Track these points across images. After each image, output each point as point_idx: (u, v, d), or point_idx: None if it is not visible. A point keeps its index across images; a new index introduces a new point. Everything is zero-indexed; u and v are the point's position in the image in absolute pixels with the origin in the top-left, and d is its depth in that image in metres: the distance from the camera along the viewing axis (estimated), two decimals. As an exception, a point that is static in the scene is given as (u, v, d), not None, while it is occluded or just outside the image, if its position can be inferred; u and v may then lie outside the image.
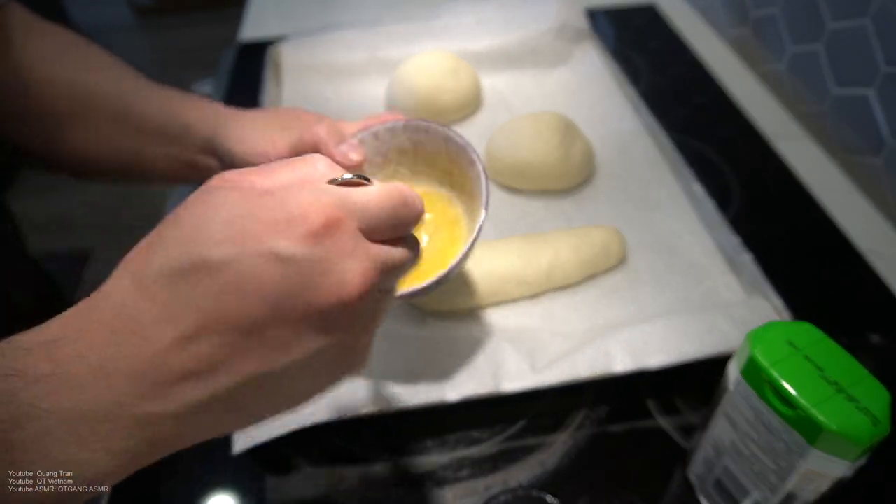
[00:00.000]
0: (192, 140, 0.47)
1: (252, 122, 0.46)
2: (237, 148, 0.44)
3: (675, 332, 0.50)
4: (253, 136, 0.44)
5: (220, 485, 0.48)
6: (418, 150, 0.47)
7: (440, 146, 0.46)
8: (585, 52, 0.86)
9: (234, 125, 0.46)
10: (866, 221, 0.68)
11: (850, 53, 0.72)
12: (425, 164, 0.48)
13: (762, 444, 0.37)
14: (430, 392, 0.47)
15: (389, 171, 0.48)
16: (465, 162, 0.45)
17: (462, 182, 0.47)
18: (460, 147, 0.45)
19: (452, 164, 0.46)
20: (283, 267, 0.23)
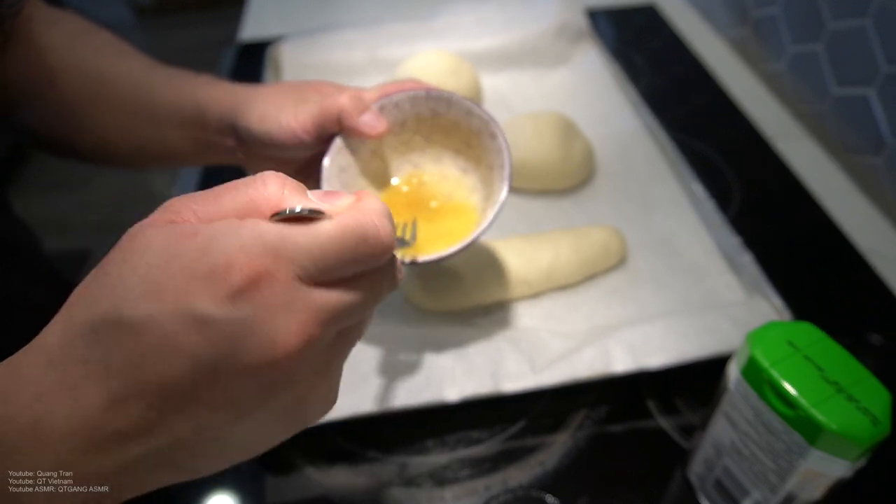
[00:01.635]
0: (209, 121, 0.46)
1: (271, 98, 0.45)
2: (257, 127, 0.43)
3: (675, 332, 0.50)
4: (273, 112, 0.43)
5: (220, 485, 0.48)
6: (437, 120, 0.47)
7: (461, 119, 0.46)
8: (585, 52, 0.86)
9: (251, 103, 0.44)
10: (866, 221, 0.68)
11: (850, 53, 0.71)
12: (442, 133, 0.48)
13: (762, 444, 0.37)
14: (430, 392, 0.47)
15: (405, 137, 0.48)
16: (487, 135, 0.45)
17: (479, 154, 0.47)
18: (483, 121, 0.45)
19: (471, 136, 0.47)
20: (204, 329, 0.21)
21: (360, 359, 0.49)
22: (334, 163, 0.44)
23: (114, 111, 0.48)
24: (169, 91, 0.48)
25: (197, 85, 0.47)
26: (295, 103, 0.44)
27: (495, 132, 0.45)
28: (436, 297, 0.55)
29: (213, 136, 0.47)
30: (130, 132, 0.49)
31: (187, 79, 0.48)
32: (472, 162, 0.49)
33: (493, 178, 0.45)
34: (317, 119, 0.43)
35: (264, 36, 1.00)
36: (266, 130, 0.43)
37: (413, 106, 0.46)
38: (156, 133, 0.48)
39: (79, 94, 0.47)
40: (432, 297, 0.55)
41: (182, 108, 0.47)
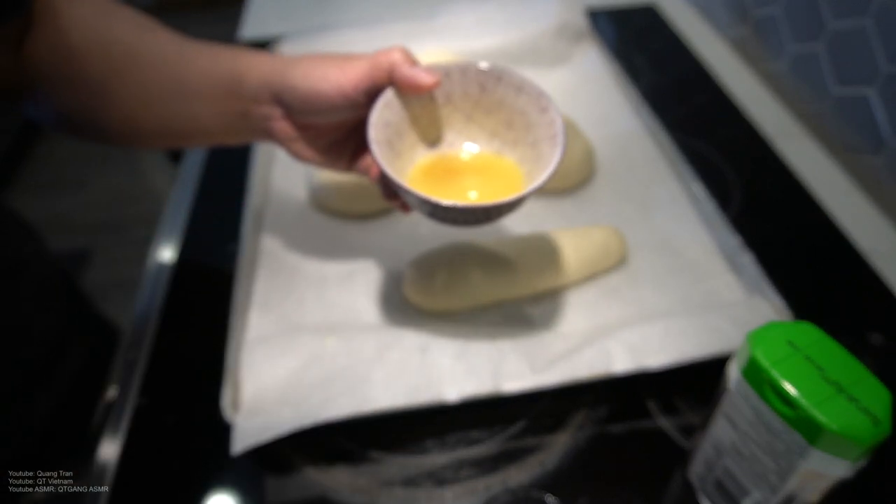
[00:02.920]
0: (247, 89, 0.45)
1: (316, 60, 0.44)
2: (302, 84, 0.42)
3: (675, 332, 0.50)
4: (319, 69, 0.42)
5: (220, 485, 0.48)
6: (482, 97, 0.47)
7: (509, 96, 0.46)
8: (585, 52, 0.86)
9: (295, 65, 0.43)
10: (867, 221, 0.68)
11: (850, 53, 0.71)
12: (484, 111, 0.47)
13: (762, 444, 0.37)
14: (430, 392, 0.47)
15: (447, 112, 0.47)
16: (536, 111, 0.45)
17: (519, 133, 0.47)
18: (533, 97, 0.45)
19: (514, 115, 0.46)
20: None
21: (359, 359, 0.49)
22: (382, 113, 0.43)
23: (143, 86, 0.46)
24: (203, 61, 0.46)
25: (235, 54, 0.46)
26: (342, 62, 0.43)
27: (547, 106, 0.45)
28: (436, 297, 0.55)
29: (249, 105, 0.45)
30: (160, 108, 0.47)
31: (222, 49, 0.47)
32: (507, 144, 0.48)
33: (542, 150, 0.45)
34: (367, 73, 0.42)
35: (264, 35, 1.00)
36: (312, 87, 0.42)
37: (462, 77, 0.46)
38: (187, 108, 0.47)
39: (105, 71, 0.46)
40: (432, 297, 0.55)
41: (217, 77, 0.45)
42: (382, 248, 0.62)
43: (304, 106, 0.43)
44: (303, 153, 0.47)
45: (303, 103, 0.43)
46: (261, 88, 0.44)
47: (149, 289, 0.63)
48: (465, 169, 0.48)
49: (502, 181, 0.47)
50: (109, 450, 0.50)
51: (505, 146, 0.48)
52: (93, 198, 2.07)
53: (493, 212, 0.41)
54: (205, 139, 0.50)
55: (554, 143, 0.43)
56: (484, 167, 0.48)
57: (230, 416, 0.46)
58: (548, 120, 0.45)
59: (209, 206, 0.71)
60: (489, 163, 0.48)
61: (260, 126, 0.46)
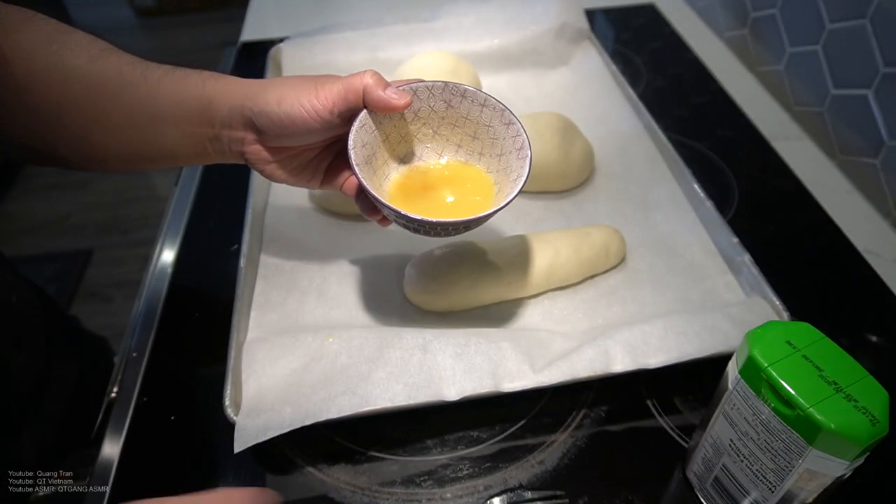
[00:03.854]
0: (217, 114, 0.45)
1: (288, 83, 0.44)
2: (276, 109, 0.42)
3: (674, 331, 0.50)
4: (291, 94, 0.43)
5: (220, 484, 0.48)
6: (448, 112, 0.49)
7: (474, 111, 0.48)
8: (585, 53, 0.86)
9: (267, 90, 0.44)
10: (865, 222, 0.68)
11: (848, 54, 0.72)
12: (450, 125, 0.50)
13: (761, 443, 0.37)
14: (430, 391, 0.47)
15: (415, 128, 0.49)
16: (500, 124, 0.48)
17: (484, 145, 0.49)
18: (497, 110, 0.48)
19: (479, 128, 0.49)
20: None
21: (360, 359, 0.49)
22: (358, 135, 0.44)
23: (104, 113, 0.45)
24: (170, 85, 0.45)
25: (203, 78, 0.45)
26: (314, 84, 0.43)
27: (512, 120, 0.47)
28: (436, 297, 0.55)
29: (220, 130, 0.45)
30: (123, 133, 0.46)
31: (190, 72, 0.46)
32: (473, 155, 0.50)
33: (510, 161, 0.47)
34: (340, 94, 0.43)
35: (265, 37, 1.00)
36: (286, 111, 0.42)
37: (429, 97, 0.48)
38: (153, 132, 0.46)
39: (60, 100, 0.44)
40: (432, 297, 0.55)
41: (186, 101, 0.45)
42: (382, 248, 0.63)
43: (279, 130, 0.44)
44: (276, 175, 0.48)
45: (278, 128, 0.44)
46: (232, 113, 0.44)
47: (149, 289, 0.63)
48: (438, 180, 0.50)
49: (474, 188, 0.49)
50: (110, 449, 0.50)
51: (471, 157, 0.50)
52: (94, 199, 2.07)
53: (471, 224, 0.44)
54: (173, 162, 0.49)
55: (521, 155, 0.46)
56: (455, 177, 0.50)
57: (231, 416, 0.46)
58: (513, 133, 0.47)
59: (209, 207, 0.72)
60: (459, 172, 0.51)
61: (232, 149, 0.46)
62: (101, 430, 0.52)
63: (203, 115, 0.45)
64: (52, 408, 0.58)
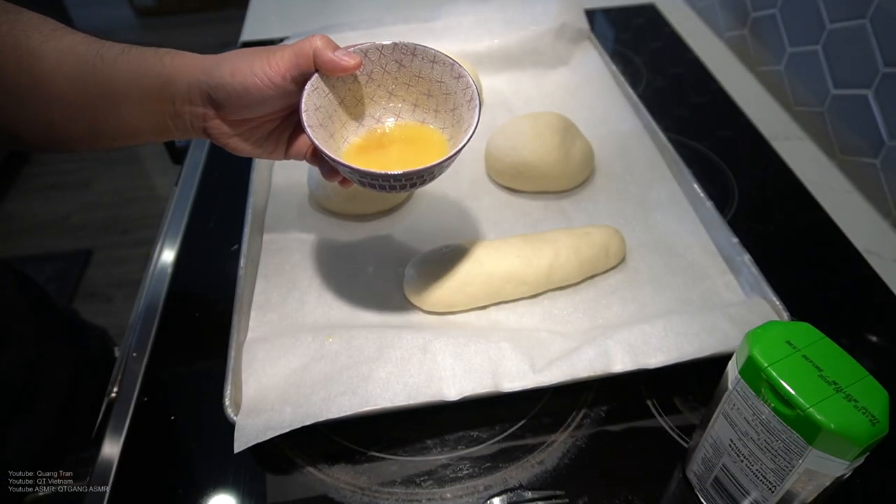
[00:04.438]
0: (175, 89, 0.45)
1: (240, 55, 0.45)
2: (231, 81, 0.43)
3: (674, 331, 0.50)
4: (245, 65, 0.44)
5: (220, 485, 0.48)
6: (401, 72, 0.50)
7: (425, 67, 0.49)
8: (585, 53, 0.86)
9: (221, 62, 0.44)
10: (865, 222, 0.68)
11: (848, 54, 0.72)
12: (404, 85, 0.51)
13: (761, 443, 0.37)
14: (430, 391, 0.47)
15: (370, 90, 0.51)
16: (451, 78, 0.49)
17: (438, 103, 0.51)
18: (447, 65, 0.49)
19: (432, 86, 0.50)
20: None
21: (360, 359, 0.50)
22: (310, 98, 0.46)
23: (61, 93, 0.44)
24: (127, 63, 0.45)
25: (160, 55, 0.45)
26: (265, 53, 0.44)
27: (461, 73, 0.48)
28: (436, 297, 0.55)
29: (181, 107, 0.45)
30: (82, 113, 0.45)
31: (146, 50, 0.46)
32: (429, 112, 0.52)
33: (461, 114, 0.49)
34: (290, 60, 0.44)
35: (265, 37, 1.00)
36: (241, 82, 0.43)
37: (380, 57, 0.49)
38: (112, 111, 0.45)
39: (15, 82, 0.44)
40: (433, 297, 0.55)
41: (144, 79, 0.44)
42: (382, 248, 0.63)
43: (236, 102, 0.44)
44: (240, 148, 0.49)
45: (235, 100, 0.44)
46: (191, 89, 0.45)
47: (149, 289, 0.63)
48: (394, 140, 0.52)
49: (427, 148, 0.50)
50: (110, 449, 0.50)
51: (427, 115, 0.52)
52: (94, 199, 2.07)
53: (419, 175, 0.44)
54: (135, 140, 0.49)
55: (471, 106, 0.47)
56: (410, 137, 0.52)
57: (231, 416, 0.46)
58: (463, 85, 0.48)
59: (209, 207, 0.72)
60: (414, 132, 0.52)
61: (194, 126, 0.47)
62: (101, 430, 0.52)
63: (163, 92, 0.45)
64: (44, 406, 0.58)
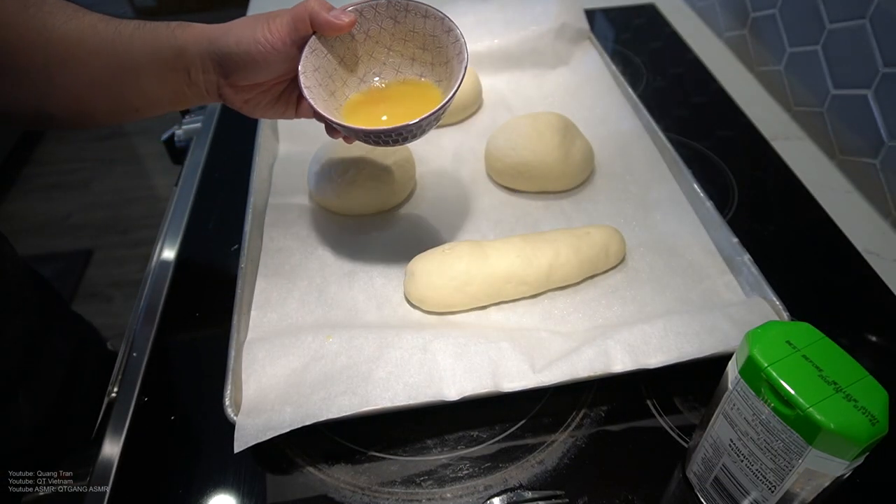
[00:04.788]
0: (189, 59, 0.48)
1: (243, 22, 0.48)
2: (236, 49, 0.47)
3: (674, 331, 0.50)
4: (247, 33, 0.47)
5: (220, 485, 0.48)
6: (396, 28, 0.52)
7: (417, 23, 0.51)
8: (585, 53, 0.86)
9: (227, 31, 0.48)
10: (865, 222, 0.68)
11: (848, 54, 0.72)
12: (401, 40, 0.53)
13: (761, 443, 0.37)
14: (430, 391, 0.47)
15: (368, 47, 0.53)
16: (442, 32, 0.51)
17: (434, 55, 0.53)
18: (437, 18, 0.51)
19: (426, 40, 0.52)
20: None
21: (360, 359, 0.50)
22: (308, 60, 0.48)
23: (87, 70, 0.48)
24: (143, 39, 0.48)
25: (171, 28, 0.49)
26: (265, 19, 0.47)
27: (451, 27, 0.50)
28: (436, 297, 0.55)
29: (195, 75, 0.49)
30: (107, 87, 0.49)
31: (158, 25, 0.49)
32: (426, 66, 0.54)
33: (452, 68, 0.51)
34: (289, 24, 0.47)
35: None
36: (245, 50, 0.46)
37: (375, 14, 0.51)
38: (133, 83, 0.49)
39: (46, 61, 0.47)
40: (433, 297, 0.55)
41: (159, 52, 0.48)
42: (382, 248, 0.63)
43: (242, 69, 0.48)
44: (254, 111, 0.52)
45: (241, 67, 0.48)
46: (203, 59, 0.48)
47: (149, 289, 0.63)
48: (392, 95, 0.54)
49: (422, 102, 0.52)
50: (110, 449, 0.50)
51: (424, 68, 0.54)
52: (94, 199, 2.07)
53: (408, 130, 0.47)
54: (155, 110, 0.52)
55: (459, 59, 0.50)
56: (407, 92, 0.55)
57: (231, 416, 0.46)
58: (453, 39, 0.51)
59: (209, 207, 0.72)
60: (411, 87, 0.55)
61: (209, 91, 0.50)
62: (101, 430, 0.52)
63: (178, 63, 0.48)
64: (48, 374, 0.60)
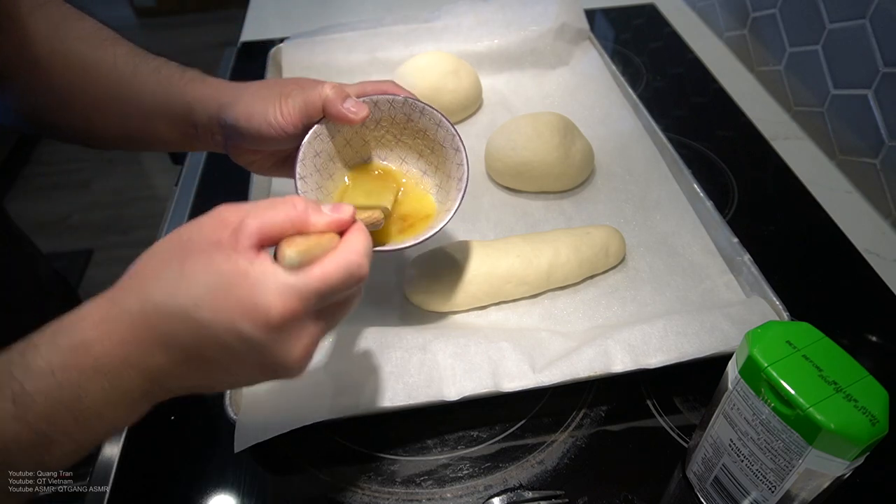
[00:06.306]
0: (197, 118, 0.48)
1: (255, 95, 0.46)
2: (246, 125, 0.45)
3: (674, 331, 0.50)
4: (259, 110, 0.45)
5: (220, 484, 0.48)
6: (408, 125, 0.51)
7: (431, 128, 0.50)
8: (585, 53, 0.86)
9: (238, 102, 0.46)
10: (865, 222, 0.68)
11: (848, 54, 0.72)
12: (411, 136, 0.52)
13: (761, 443, 0.37)
14: (430, 391, 0.47)
15: (378, 134, 0.52)
16: (451, 148, 0.50)
17: (440, 162, 0.51)
18: (450, 133, 0.49)
19: (436, 145, 0.51)
20: (244, 341, 0.31)
21: (360, 359, 0.50)
22: (311, 146, 0.47)
23: (101, 100, 0.48)
24: (156, 86, 0.48)
25: (185, 81, 0.48)
26: (279, 98, 0.46)
27: (459, 147, 0.49)
28: (436, 297, 0.55)
29: (202, 132, 0.49)
30: (118, 121, 0.49)
31: (174, 74, 0.49)
32: (431, 167, 0.52)
33: (451, 186, 0.49)
34: (302, 110, 0.46)
35: (265, 37, 1.00)
36: (255, 128, 0.45)
37: (390, 108, 0.50)
38: (143, 123, 0.49)
39: (65, 83, 0.47)
40: (433, 297, 0.55)
41: (169, 103, 0.48)
42: (383, 249, 0.63)
43: (249, 142, 0.47)
44: (260, 170, 0.51)
45: (249, 141, 0.47)
46: (210, 121, 0.48)
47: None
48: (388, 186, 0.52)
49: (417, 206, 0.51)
50: (110, 449, 0.50)
51: (429, 167, 0.52)
52: (94, 199, 2.07)
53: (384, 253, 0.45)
54: (167, 147, 0.53)
55: (459, 186, 0.48)
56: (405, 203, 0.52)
57: (231, 415, 0.46)
58: (458, 160, 0.49)
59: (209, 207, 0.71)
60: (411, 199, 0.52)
61: (217, 146, 0.50)
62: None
63: (186, 118, 0.48)
64: None
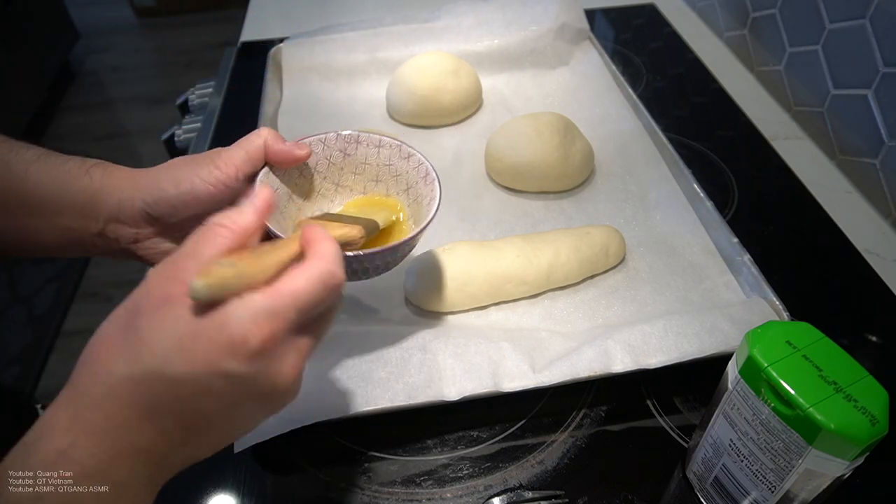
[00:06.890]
0: (102, 208, 0.42)
1: (176, 165, 0.42)
2: (174, 192, 0.41)
3: (674, 331, 0.50)
4: (188, 173, 0.41)
5: (220, 484, 0.48)
6: (346, 161, 0.49)
7: (370, 154, 0.49)
8: (585, 53, 0.86)
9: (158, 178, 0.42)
10: (865, 222, 0.68)
11: (848, 54, 0.72)
12: (351, 174, 0.49)
13: (761, 443, 0.37)
14: (430, 391, 0.47)
15: (317, 183, 0.49)
16: (400, 159, 0.48)
17: (390, 185, 0.49)
18: (394, 146, 0.48)
19: (380, 170, 0.49)
20: (230, 379, 0.29)
21: (360, 359, 0.50)
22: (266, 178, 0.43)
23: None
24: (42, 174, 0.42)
25: (86, 167, 0.43)
26: (209, 159, 0.42)
27: (410, 152, 0.48)
28: (436, 297, 0.55)
29: (105, 226, 0.43)
30: None
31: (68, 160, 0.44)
32: (380, 194, 0.50)
33: (419, 191, 0.48)
34: (243, 158, 0.42)
35: (265, 37, 1.00)
36: (188, 191, 0.41)
37: (324, 148, 0.48)
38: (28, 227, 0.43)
39: None
40: (433, 297, 0.55)
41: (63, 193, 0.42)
42: (383, 249, 0.63)
43: (181, 211, 0.42)
44: None
45: (181, 210, 0.42)
46: (122, 207, 0.42)
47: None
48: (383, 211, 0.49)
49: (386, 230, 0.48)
50: (110, 449, 0.50)
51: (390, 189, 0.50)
52: (93, 199, 2.07)
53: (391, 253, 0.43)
54: (38, 254, 0.46)
55: (428, 181, 0.47)
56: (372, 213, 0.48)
57: (231, 416, 0.46)
58: (415, 164, 0.48)
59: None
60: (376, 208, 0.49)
61: (120, 246, 0.44)
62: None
63: (86, 209, 0.42)
64: None
